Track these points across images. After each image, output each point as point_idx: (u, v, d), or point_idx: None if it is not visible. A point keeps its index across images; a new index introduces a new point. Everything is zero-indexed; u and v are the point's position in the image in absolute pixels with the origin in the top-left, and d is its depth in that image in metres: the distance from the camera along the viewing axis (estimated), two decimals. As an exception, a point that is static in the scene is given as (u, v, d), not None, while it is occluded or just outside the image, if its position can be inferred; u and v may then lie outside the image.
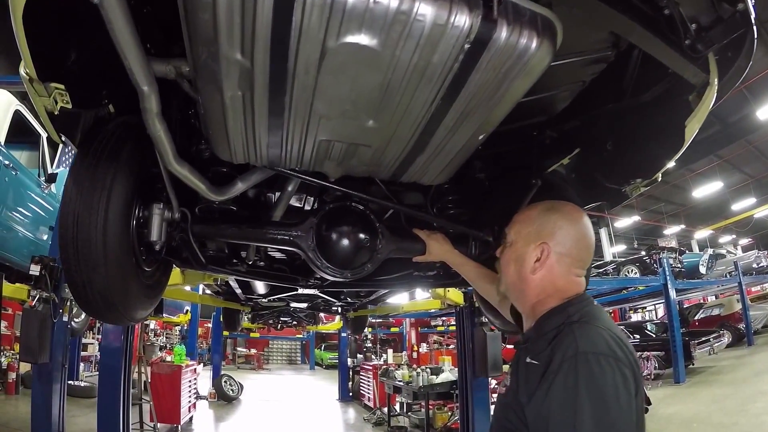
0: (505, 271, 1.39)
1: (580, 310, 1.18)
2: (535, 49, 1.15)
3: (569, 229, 1.29)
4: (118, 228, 1.58)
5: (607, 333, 1.09)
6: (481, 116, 1.44)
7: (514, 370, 1.26)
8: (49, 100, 1.29)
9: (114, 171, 1.55)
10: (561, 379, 1.03)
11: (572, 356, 1.03)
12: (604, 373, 1.01)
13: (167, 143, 1.45)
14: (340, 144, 1.53)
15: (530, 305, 1.30)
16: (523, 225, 1.36)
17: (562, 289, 1.26)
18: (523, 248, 1.32)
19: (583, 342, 1.06)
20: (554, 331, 1.15)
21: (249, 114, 1.35)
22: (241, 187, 1.86)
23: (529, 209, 1.39)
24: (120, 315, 1.75)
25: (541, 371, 1.09)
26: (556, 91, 1.81)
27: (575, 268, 1.29)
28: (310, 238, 1.98)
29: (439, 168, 1.78)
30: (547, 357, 1.09)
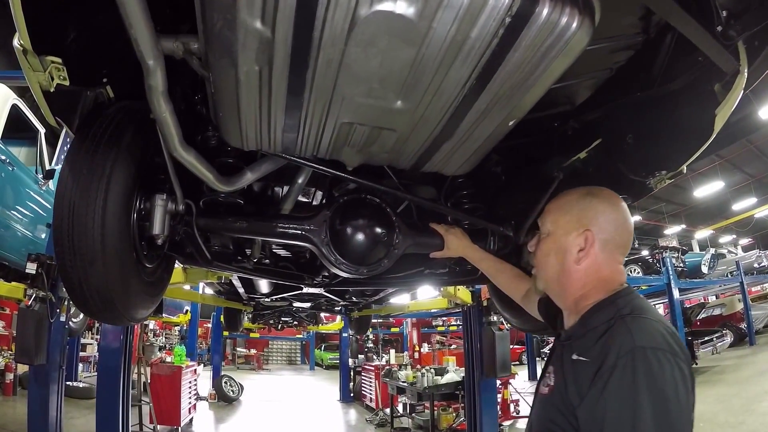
0: (544, 265, 1.30)
1: (630, 303, 1.11)
2: (576, 29, 1.08)
3: (611, 214, 1.22)
4: (118, 219, 1.47)
5: (662, 326, 1.04)
6: (515, 100, 1.35)
7: (558, 368, 1.17)
8: (45, 75, 1.18)
9: (114, 157, 1.44)
10: (617, 376, 0.96)
11: (629, 351, 0.98)
12: (663, 370, 0.96)
13: (173, 126, 1.34)
14: (362, 128, 1.42)
15: (574, 299, 1.22)
16: (561, 213, 1.27)
17: (607, 279, 1.19)
18: (563, 238, 1.24)
19: (639, 336, 1.00)
20: (604, 325, 1.08)
21: (265, 92, 1.24)
22: (251, 178, 1.75)
23: (565, 196, 1.30)
24: (119, 315, 1.63)
25: (592, 369, 1.02)
26: (583, 79, 1.72)
27: (618, 255, 1.22)
28: (323, 232, 1.87)
29: (464, 157, 1.67)
30: (598, 353, 1.03)
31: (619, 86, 1.71)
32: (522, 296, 1.71)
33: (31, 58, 1.15)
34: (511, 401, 9.12)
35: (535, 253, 1.33)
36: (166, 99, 1.26)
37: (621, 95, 1.72)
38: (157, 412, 7.63)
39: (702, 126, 1.46)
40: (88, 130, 1.46)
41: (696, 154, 1.58)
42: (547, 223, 1.29)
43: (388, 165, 1.73)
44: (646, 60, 1.57)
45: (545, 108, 1.80)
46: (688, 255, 16.21)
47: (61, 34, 1.25)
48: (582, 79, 1.71)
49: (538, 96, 1.37)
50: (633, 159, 1.78)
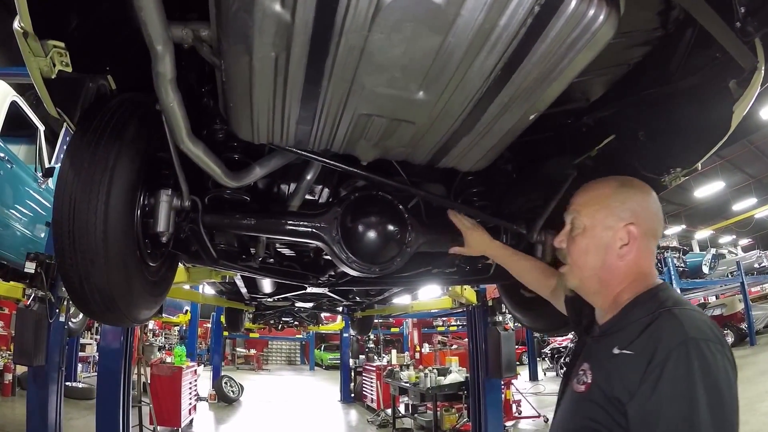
0: (581, 262, 1.23)
1: (672, 296, 1.09)
2: (602, 21, 1.06)
3: (650, 205, 1.19)
4: (121, 215, 1.40)
5: (706, 318, 1.03)
6: (538, 93, 1.31)
7: (595, 364, 1.12)
8: (46, 60, 1.12)
9: (117, 150, 1.37)
10: (671, 368, 0.94)
11: (682, 343, 0.95)
12: (716, 360, 0.94)
13: (180, 116, 1.27)
14: (380, 120, 1.36)
15: (613, 295, 1.18)
16: (599, 207, 1.21)
17: (647, 272, 1.17)
18: (603, 233, 1.18)
19: (690, 327, 0.98)
20: (647, 318, 1.05)
21: (281, 81, 1.18)
22: (259, 173, 1.70)
23: (599, 188, 1.24)
24: (121, 315, 1.57)
25: (641, 362, 0.98)
26: (600, 75, 1.68)
27: (654, 246, 1.20)
28: (334, 229, 1.81)
29: (481, 152, 1.62)
30: (644, 345, 1.00)
31: (635, 82, 1.68)
32: (551, 291, 1.64)
33: (32, 41, 1.09)
34: (513, 401, 9.08)
35: (568, 250, 1.26)
36: (174, 88, 1.20)
37: (636, 91, 1.69)
38: (157, 413, 7.55)
39: (718, 122, 1.44)
40: (90, 122, 1.40)
41: (712, 150, 1.57)
42: (583, 217, 1.22)
43: (403, 160, 1.67)
44: (663, 56, 1.54)
45: (560, 104, 1.75)
46: (689, 255, 16.25)
47: (64, 17, 1.19)
48: (599, 74, 1.67)
49: (560, 90, 1.33)
50: (647, 156, 1.75)
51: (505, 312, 5.15)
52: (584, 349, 1.24)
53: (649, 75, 1.62)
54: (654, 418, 0.94)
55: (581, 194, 1.26)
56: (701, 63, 1.47)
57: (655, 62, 1.57)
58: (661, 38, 1.48)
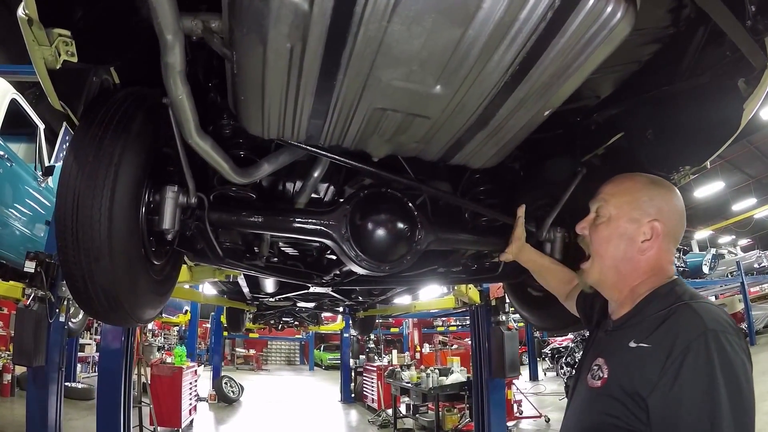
0: (602, 250, 1.23)
1: (688, 291, 1.11)
2: (620, 17, 1.06)
3: (675, 205, 1.20)
4: (127, 211, 1.37)
5: (722, 311, 1.04)
6: (554, 89, 1.29)
7: (610, 359, 1.13)
8: (51, 49, 1.08)
9: (123, 144, 1.34)
10: (692, 359, 0.95)
11: (701, 334, 0.97)
12: (734, 351, 0.96)
13: (189, 110, 1.24)
14: (395, 115, 1.33)
15: (630, 288, 1.19)
16: (627, 200, 1.22)
17: (664, 269, 1.18)
18: (628, 225, 1.20)
19: (708, 320, 0.99)
20: (665, 311, 1.06)
21: (295, 73, 1.14)
22: (268, 169, 1.67)
23: (627, 181, 1.25)
24: (126, 315, 1.53)
25: (659, 354, 1.00)
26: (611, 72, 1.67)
27: (674, 246, 1.22)
28: (343, 227, 1.78)
29: (494, 149, 1.59)
30: (662, 338, 1.01)
31: (645, 80, 1.67)
32: (567, 295, 1.65)
33: (36, 29, 1.06)
34: (514, 401, 9.06)
35: (590, 238, 1.26)
36: (184, 79, 1.16)
37: (646, 89, 1.69)
38: (157, 414, 7.52)
39: (727, 120, 1.45)
40: (95, 115, 1.36)
41: (721, 148, 1.57)
42: (610, 207, 1.23)
43: (415, 156, 1.64)
44: (674, 54, 1.54)
45: (570, 101, 1.74)
46: (689, 255, 16.28)
47: (70, 5, 1.15)
48: (609, 72, 1.66)
49: (575, 86, 1.33)
50: (656, 153, 1.74)
51: (508, 312, 5.13)
52: (595, 343, 1.25)
53: (659, 73, 1.62)
54: (675, 410, 0.95)
55: (611, 185, 1.27)
56: (711, 62, 1.47)
57: (666, 60, 1.57)
58: (672, 36, 1.48)
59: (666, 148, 1.69)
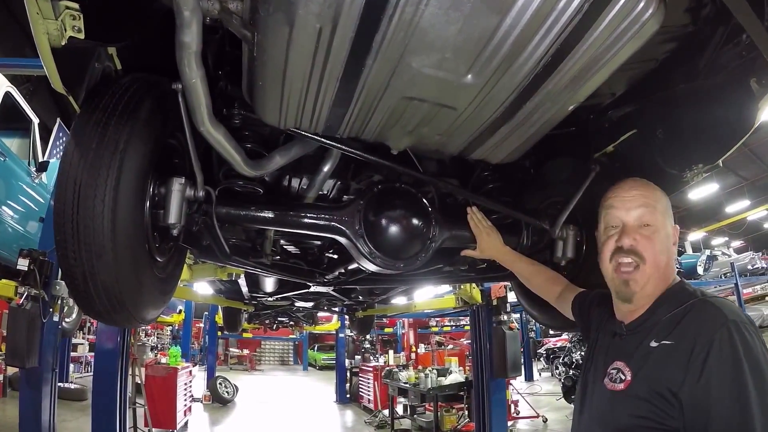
0: (659, 260, 1.18)
1: (696, 288, 1.15)
2: (651, 13, 1.07)
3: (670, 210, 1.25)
4: (132, 204, 1.29)
5: (735, 305, 1.10)
6: (581, 83, 1.27)
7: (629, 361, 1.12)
8: (56, 23, 1.00)
9: (130, 131, 1.25)
10: (716, 350, 0.98)
11: (723, 325, 0.99)
12: (756, 341, 0.99)
13: (203, 95, 1.17)
14: (421, 105, 1.27)
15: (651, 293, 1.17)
16: (665, 205, 1.24)
17: (673, 267, 1.21)
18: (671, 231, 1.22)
19: (728, 312, 1.02)
20: (681, 309, 1.09)
21: (321, 57, 1.08)
22: (280, 162, 1.61)
23: (651, 186, 1.25)
24: (129, 316, 1.45)
25: (684, 349, 1.02)
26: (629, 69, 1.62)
27: None
28: (357, 223, 1.72)
29: (515, 143, 1.54)
30: (684, 334, 1.04)
31: (662, 78, 1.66)
32: (556, 297, 1.67)
33: (42, 1, 0.98)
34: (511, 402, 9.03)
35: (641, 248, 1.19)
36: (199, 62, 1.09)
37: (662, 87, 1.67)
38: (152, 415, 7.41)
39: (741, 120, 1.44)
40: (99, 100, 1.28)
41: (735, 147, 1.55)
42: (658, 214, 1.21)
43: (435, 150, 1.58)
44: (691, 53, 1.53)
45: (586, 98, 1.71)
46: (684, 256, 16.36)
47: None
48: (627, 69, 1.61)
49: (601, 81, 1.31)
50: (670, 151, 1.72)
51: (510, 311, 5.09)
52: (605, 348, 1.23)
53: (676, 71, 1.61)
54: (705, 399, 0.96)
55: (644, 190, 1.23)
56: (727, 61, 1.47)
57: (683, 59, 1.56)
58: (690, 35, 1.47)
59: (679, 146, 1.68)
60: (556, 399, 10.28)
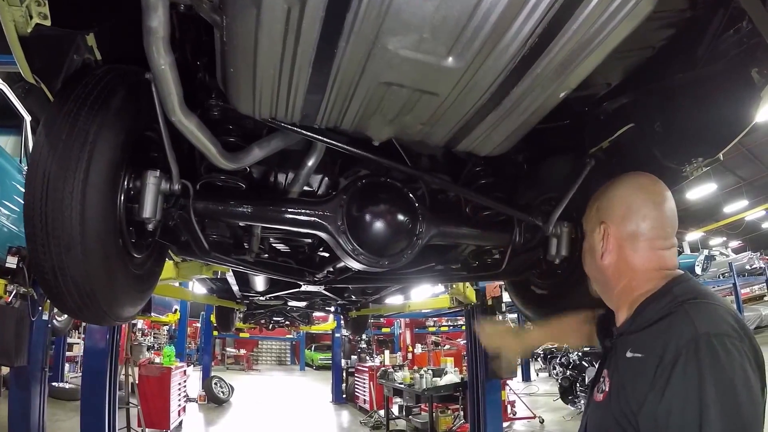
0: (584, 266, 1.25)
1: (688, 289, 1.02)
2: None
3: (630, 200, 1.13)
4: (101, 197, 1.26)
5: (725, 310, 0.95)
6: (572, 67, 1.20)
7: (612, 371, 1.07)
8: (21, 9, 0.97)
9: (100, 122, 1.23)
10: (680, 369, 0.87)
11: (691, 340, 0.88)
12: (731, 357, 0.86)
13: (173, 82, 1.13)
14: (400, 91, 1.22)
15: (616, 294, 1.15)
16: (588, 210, 1.23)
17: (647, 269, 1.09)
18: (590, 235, 1.19)
19: (701, 322, 0.91)
20: (659, 316, 0.98)
21: (292, 39, 1.03)
22: (258, 155, 1.56)
23: (603, 189, 1.23)
24: (102, 312, 1.41)
25: (651, 365, 0.92)
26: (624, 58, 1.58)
27: (656, 240, 1.11)
28: (339, 218, 1.66)
29: (504, 134, 1.48)
30: (653, 347, 0.94)
31: (659, 67, 1.59)
32: (588, 336, 1.52)
33: None
34: (508, 402, 8.99)
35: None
36: (167, 48, 1.05)
37: (660, 77, 1.60)
38: (145, 415, 7.36)
39: (742, 111, 1.39)
40: (71, 91, 1.25)
41: (735, 140, 1.50)
42: (591, 216, 1.23)
43: (420, 141, 1.53)
44: (690, 40, 1.46)
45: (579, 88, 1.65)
46: (682, 256, 16.34)
47: None
48: (622, 56, 1.56)
49: (593, 65, 1.24)
50: (668, 145, 1.66)
51: (505, 311, 5.05)
52: (605, 354, 1.19)
53: (673, 60, 1.54)
54: (664, 425, 0.87)
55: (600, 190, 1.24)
56: (728, 49, 1.40)
57: (681, 47, 1.49)
58: (688, 20, 1.41)
59: (679, 139, 1.62)
60: (553, 400, 10.23)
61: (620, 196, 1.14)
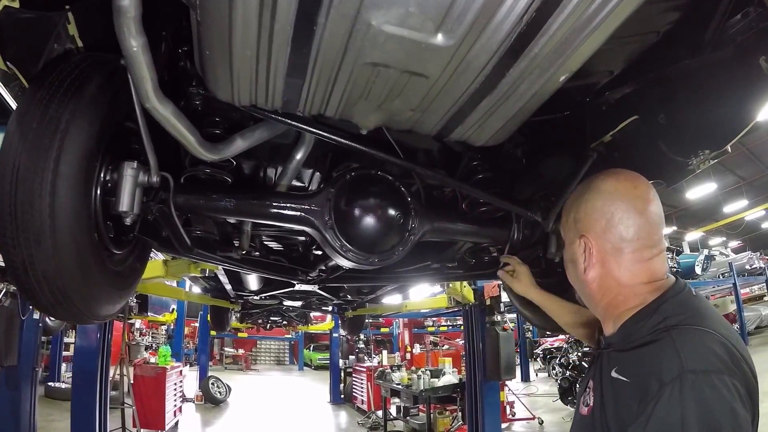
0: (568, 276, 1.18)
1: (679, 308, 0.93)
2: None
3: (610, 212, 1.03)
4: (73, 188, 1.19)
5: (717, 339, 0.86)
6: (573, 46, 1.11)
7: (597, 385, 1.01)
8: None
9: (73, 109, 1.17)
10: (661, 410, 0.80)
11: (677, 377, 0.81)
12: (718, 398, 0.79)
13: (146, 65, 1.06)
14: (387, 72, 1.13)
15: (602, 307, 1.08)
16: (564, 216, 1.16)
17: (634, 282, 1.01)
18: (570, 247, 1.12)
19: (688, 356, 0.83)
20: (648, 338, 0.91)
21: (267, 17, 0.95)
22: (241, 146, 1.48)
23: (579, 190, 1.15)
24: (76, 311, 1.35)
25: (634, 395, 0.87)
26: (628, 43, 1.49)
27: (643, 250, 1.02)
28: (326, 213, 1.58)
29: (499, 122, 1.39)
30: (638, 375, 0.88)
31: (664, 54, 1.50)
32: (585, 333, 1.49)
33: None
34: (507, 403, 8.92)
35: None
36: (139, 29, 0.97)
37: (664, 64, 1.51)
38: (140, 415, 7.30)
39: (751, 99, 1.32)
40: (46, 78, 1.19)
41: (744, 130, 1.41)
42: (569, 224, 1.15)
43: (410, 129, 1.44)
44: (696, 23, 1.38)
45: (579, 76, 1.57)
46: (682, 256, 16.32)
47: None
48: (626, 42, 1.47)
49: (596, 45, 1.15)
50: (674, 137, 1.57)
51: (504, 311, 4.97)
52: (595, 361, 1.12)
53: (679, 46, 1.45)
54: None
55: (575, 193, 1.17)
56: (735, 34, 1.32)
57: (687, 31, 1.40)
58: (694, 3, 1.33)
59: (685, 131, 1.54)
60: (553, 401, 10.16)
61: (598, 207, 1.04)
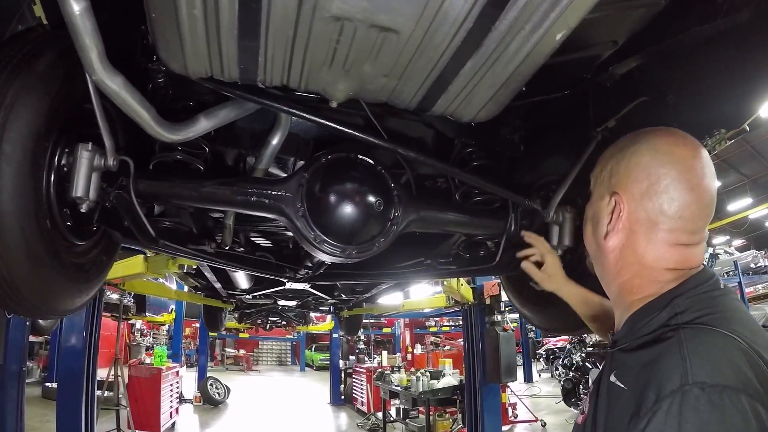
0: (584, 235, 1.00)
1: (697, 304, 0.77)
2: None
3: (658, 175, 0.84)
4: (18, 170, 1.09)
5: (740, 346, 0.69)
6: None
7: (594, 390, 0.87)
8: None
9: (20, 84, 1.08)
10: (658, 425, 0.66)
11: (677, 391, 0.66)
12: (724, 419, 0.63)
13: (91, 33, 0.96)
14: (351, 27, 0.98)
15: (616, 286, 0.91)
16: (600, 165, 0.96)
17: (660, 267, 0.84)
18: (596, 201, 0.94)
19: (696, 364, 0.67)
20: (651, 338, 0.77)
21: None
22: (206, 125, 1.35)
23: (616, 144, 0.95)
24: (28, 305, 1.25)
25: (629, 406, 0.72)
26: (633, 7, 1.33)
27: (680, 233, 0.84)
28: (298, 200, 1.44)
29: (489, 91, 1.23)
30: (636, 382, 0.73)
31: (672, 21, 1.35)
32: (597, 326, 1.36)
33: None
34: (509, 405, 8.78)
35: None
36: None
37: (673, 32, 1.37)
38: (134, 417, 7.19)
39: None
40: None
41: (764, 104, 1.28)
42: (592, 177, 0.99)
43: (386, 101, 1.29)
44: None
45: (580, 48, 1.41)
46: (686, 255, 16.19)
47: None
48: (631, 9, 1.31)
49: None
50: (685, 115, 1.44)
51: (504, 311, 4.82)
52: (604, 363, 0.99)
53: (689, 11, 1.31)
54: None
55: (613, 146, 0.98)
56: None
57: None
58: None
59: (698, 108, 1.41)
60: (556, 402, 10.02)
61: (643, 165, 0.85)
